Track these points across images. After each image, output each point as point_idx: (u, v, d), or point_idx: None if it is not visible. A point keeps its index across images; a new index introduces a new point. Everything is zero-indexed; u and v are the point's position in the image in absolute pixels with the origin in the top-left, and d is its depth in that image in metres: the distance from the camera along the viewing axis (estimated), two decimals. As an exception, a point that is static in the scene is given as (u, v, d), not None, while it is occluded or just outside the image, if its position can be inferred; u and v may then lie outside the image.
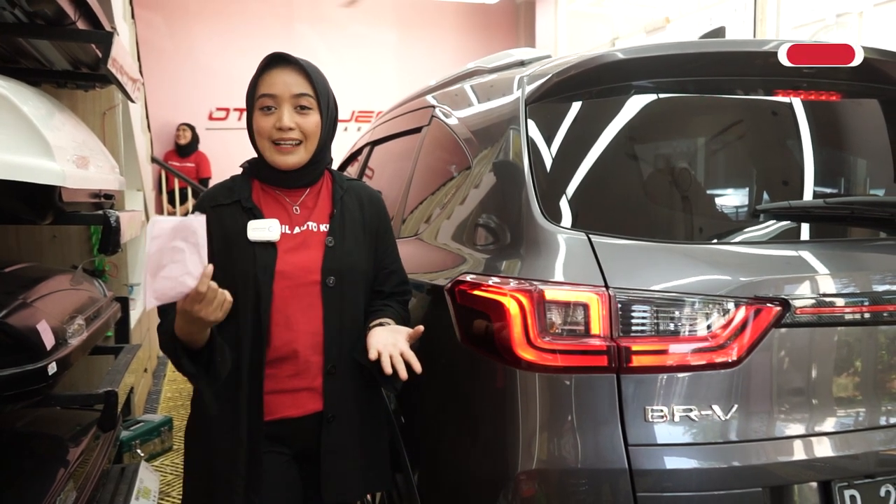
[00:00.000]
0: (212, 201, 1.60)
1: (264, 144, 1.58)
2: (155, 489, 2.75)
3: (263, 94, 1.55)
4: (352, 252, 1.61)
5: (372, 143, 3.00)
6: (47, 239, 3.38)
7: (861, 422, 1.44)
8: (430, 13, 10.20)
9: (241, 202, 1.59)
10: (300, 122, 1.56)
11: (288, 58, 1.56)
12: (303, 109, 1.56)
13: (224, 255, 1.53)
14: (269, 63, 1.57)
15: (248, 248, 1.54)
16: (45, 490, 1.76)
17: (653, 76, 1.63)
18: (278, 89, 1.54)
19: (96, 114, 3.53)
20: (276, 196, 1.63)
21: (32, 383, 1.70)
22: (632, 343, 1.35)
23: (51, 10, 2.17)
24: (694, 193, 1.60)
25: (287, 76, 1.55)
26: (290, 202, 1.63)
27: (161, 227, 1.34)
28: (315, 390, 1.58)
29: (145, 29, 7.84)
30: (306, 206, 1.64)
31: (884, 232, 1.62)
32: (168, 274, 1.34)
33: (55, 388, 1.86)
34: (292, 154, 1.57)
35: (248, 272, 1.53)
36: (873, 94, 1.77)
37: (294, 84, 1.55)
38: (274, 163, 1.58)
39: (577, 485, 1.35)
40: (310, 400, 1.58)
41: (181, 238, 1.35)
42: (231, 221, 1.57)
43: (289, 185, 1.63)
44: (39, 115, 1.94)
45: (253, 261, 1.53)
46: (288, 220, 1.60)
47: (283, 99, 1.55)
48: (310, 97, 1.57)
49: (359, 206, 1.68)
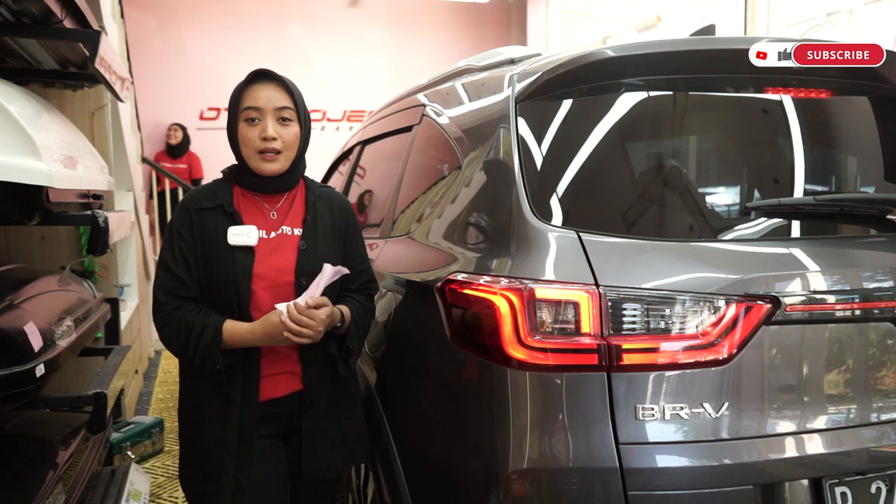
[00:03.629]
0: (196, 204, 1.73)
1: (249, 153, 1.71)
2: (145, 491, 2.73)
3: (248, 106, 1.69)
4: (323, 255, 1.74)
5: (363, 143, 2.99)
6: (36, 240, 3.35)
7: (852, 419, 1.44)
8: (422, 12, 10.20)
9: (223, 206, 1.72)
10: (282, 133, 1.70)
11: (271, 74, 1.72)
12: (284, 121, 1.71)
13: (206, 256, 1.69)
14: (254, 79, 1.71)
15: (228, 252, 1.68)
16: (33, 493, 1.75)
17: (643, 74, 1.63)
18: (262, 102, 1.69)
19: (85, 114, 3.50)
20: (254, 201, 1.77)
21: (20, 385, 1.68)
22: (622, 341, 1.35)
23: (37, 8, 2.16)
24: (684, 191, 1.60)
25: (270, 91, 1.70)
26: (268, 207, 1.77)
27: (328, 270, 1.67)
28: (294, 374, 1.76)
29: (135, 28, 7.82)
30: (282, 212, 1.78)
31: (873, 229, 1.62)
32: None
33: (43, 389, 1.84)
34: (275, 162, 1.70)
35: (229, 274, 1.67)
36: (863, 91, 1.77)
37: (277, 98, 1.70)
38: (258, 170, 1.71)
39: (569, 484, 1.35)
40: (290, 381, 1.76)
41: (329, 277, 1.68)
42: (213, 225, 1.70)
43: (268, 190, 1.77)
44: (26, 115, 1.93)
45: (233, 263, 1.67)
46: (265, 225, 1.74)
47: (266, 111, 1.69)
48: (291, 110, 1.72)
49: (329, 211, 1.82)
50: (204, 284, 1.70)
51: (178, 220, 1.72)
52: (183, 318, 1.66)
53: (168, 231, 1.74)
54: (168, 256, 1.70)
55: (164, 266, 1.70)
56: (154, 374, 5.31)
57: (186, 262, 1.69)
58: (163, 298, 1.68)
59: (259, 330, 1.64)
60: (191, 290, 1.69)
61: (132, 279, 4.87)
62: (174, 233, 1.71)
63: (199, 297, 1.70)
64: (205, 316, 1.66)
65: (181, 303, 1.68)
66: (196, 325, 1.64)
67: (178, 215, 1.73)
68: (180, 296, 1.68)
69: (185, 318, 1.66)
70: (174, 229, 1.72)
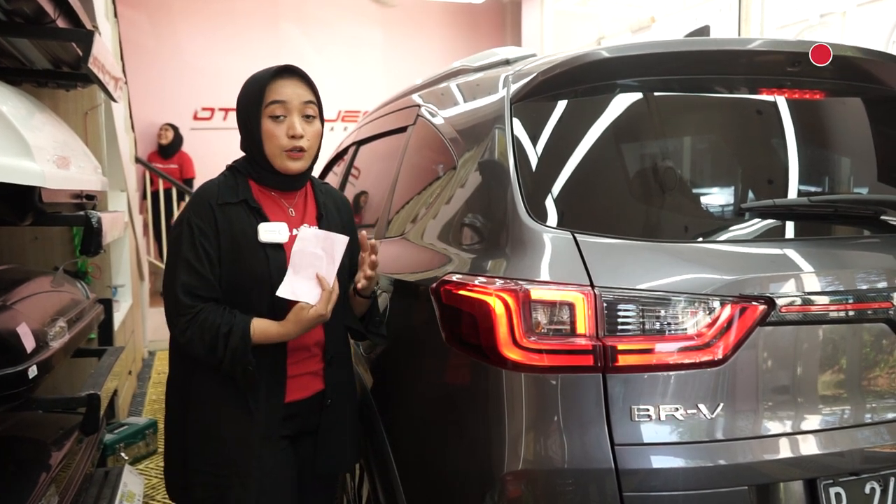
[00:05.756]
0: (218, 199, 1.65)
1: (274, 151, 1.65)
2: (139, 493, 2.72)
3: (274, 100, 1.64)
4: None
5: (358, 143, 2.99)
6: (28, 240, 3.34)
7: (846, 419, 1.44)
8: (416, 12, 10.18)
9: (247, 202, 1.66)
10: (307, 130, 1.66)
11: (295, 69, 1.68)
12: (308, 118, 1.67)
13: (233, 253, 1.62)
14: (278, 73, 1.66)
15: (258, 249, 1.63)
16: (26, 495, 1.73)
17: (638, 75, 1.63)
18: (288, 97, 1.64)
19: (78, 113, 3.49)
20: (272, 198, 1.72)
21: (12, 387, 1.67)
22: (618, 342, 1.35)
23: (30, 8, 2.14)
24: (679, 192, 1.60)
25: (295, 86, 1.66)
26: (286, 204, 1.73)
27: (307, 232, 1.60)
28: (317, 374, 1.76)
29: (129, 28, 7.78)
30: (298, 208, 1.75)
31: (867, 230, 1.63)
32: (306, 275, 1.58)
33: (36, 391, 1.84)
34: (300, 160, 1.67)
35: (263, 272, 1.62)
36: (857, 92, 1.78)
37: (302, 93, 1.66)
38: (283, 168, 1.67)
39: (564, 485, 1.35)
40: (312, 382, 1.75)
41: (322, 248, 1.58)
42: (238, 220, 1.64)
43: (287, 188, 1.73)
44: (19, 115, 1.92)
45: (266, 261, 1.63)
46: (287, 222, 1.69)
47: (293, 107, 1.64)
48: (315, 105, 1.68)
49: (336, 208, 1.83)
50: (229, 283, 1.62)
51: (197, 215, 1.61)
52: (206, 318, 1.57)
53: (184, 227, 1.62)
54: (190, 254, 1.59)
55: (187, 264, 1.59)
56: (148, 375, 5.29)
57: (210, 259, 1.59)
58: (186, 300, 1.58)
59: (292, 327, 1.59)
60: (214, 290, 1.61)
61: (126, 280, 4.85)
62: (195, 229, 1.60)
63: (220, 297, 1.61)
64: (230, 315, 1.58)
65: (204, 304, 1.59)
66: (223, 326, 1.56)
67: (195, 210, 1.63)
68: (204, 296, 1.59)
69: (209, 318, 1.57)
70: (194, 225, 1.61)
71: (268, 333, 1.60)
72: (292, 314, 1.59)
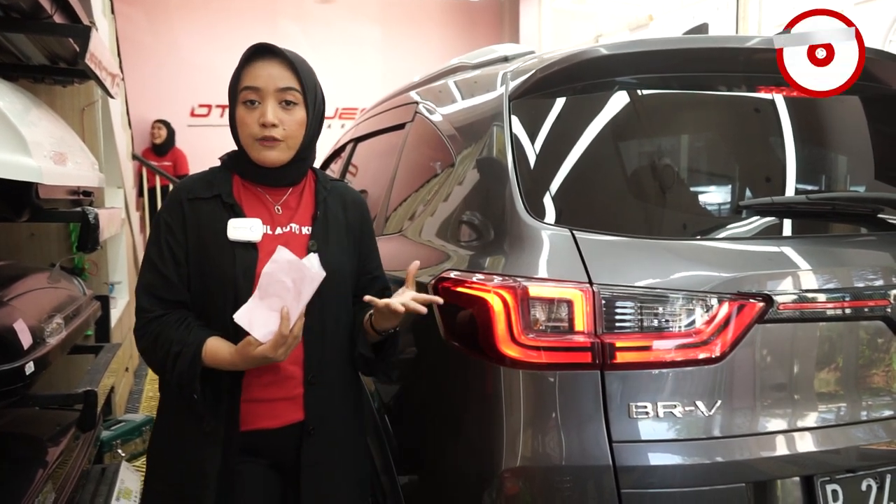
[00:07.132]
0: (189, 193, 1.49)
1: (247, 140, 1.48)
2: (136, 489, 2.72)
3: (246, 86, 1.46)
4: (336, 256, 1.52)
5: (355, 140, 2.98)
6: (25, 236, 3.33)
7: (843, 417, 1.45)
8: (414, 9, 10.17)
9: (221, 197, 1.49)
10: (284, 118, 1.46)
11: (273, 49, 1.47)
12: (288, 105, 1.47)
13: (200, 253, 1.46)
14: (253, 54, 1.48)
15: (227, 248, 1.45)
16: (23, 491, 1.73)
17: (636, 72, 1.63)
18: (262, 82, 1.45)
19: (75, 110, 3.48)
20: (257, 194, 1.53)
21: (9, 383, 1.67)
22: (616, 339, 1.35)
23: (26, 3, 2.14)
24: (677, 190, 1.60)
25: (272, 68, 1.46)
26: (273, 201, 1.53)
27: (282, 255, 1.35)
28: (295, 399, 1.48)
29: (126, 24, 7.75)
30: (289, 207, 1.55)
31: (865, 227, 1.63)
32: (270, 304, 1.34)
33: (33, 387, 1.83)
34: (274, 150, 1.47)
35: (227, 273, 1.44)
36: (855, 90, 1.78)
37: (279, 77, 1.46)
38: (256, 159, 1.48)
39: (562, 482, 1.35)
40: (289, 410, 1.48)
41: (292, 279, 1.34)
42: (209, 217, 1.47)
43: (271, 183, 1.53)
44: (15, 111, 1.91)
45: (232, 261, 1.44)
46: (270, 220, 1.50)
47: (267, 93, 1.45)
48: (295, 91, 1.47)
49: (342, 208, 1.60)
50: (196, 286, 1.46)
51: (168, 211, 1.49)
52: (162, 332, 1.41)
53: (155, 224, 1.50)
54: (154, 253, 1.46)
55: (149, 264, 1.46)
56: (144, 372, 5.28)
57: (175, 259, 1.45)
58: (144, 303, 1.44)
59: (239, 361, 1.38)
60: (178, 292, 1.45)
61: (122, 276, 4.83)
62: (162, 225, 1.47)
63: (187, 300, 1.46)
64: (186, 332, 1.41)
65: (164, 310, 1.44)
66: (175, 344, 1.39)
67: (167, 206, 1.50)
68: (166, 299, 1.44)
69: (164, 332, 1.41)
70: (162, 221, 1.48)
71: (217, 359, 1.39)
72: (240, 345, 1.37)
